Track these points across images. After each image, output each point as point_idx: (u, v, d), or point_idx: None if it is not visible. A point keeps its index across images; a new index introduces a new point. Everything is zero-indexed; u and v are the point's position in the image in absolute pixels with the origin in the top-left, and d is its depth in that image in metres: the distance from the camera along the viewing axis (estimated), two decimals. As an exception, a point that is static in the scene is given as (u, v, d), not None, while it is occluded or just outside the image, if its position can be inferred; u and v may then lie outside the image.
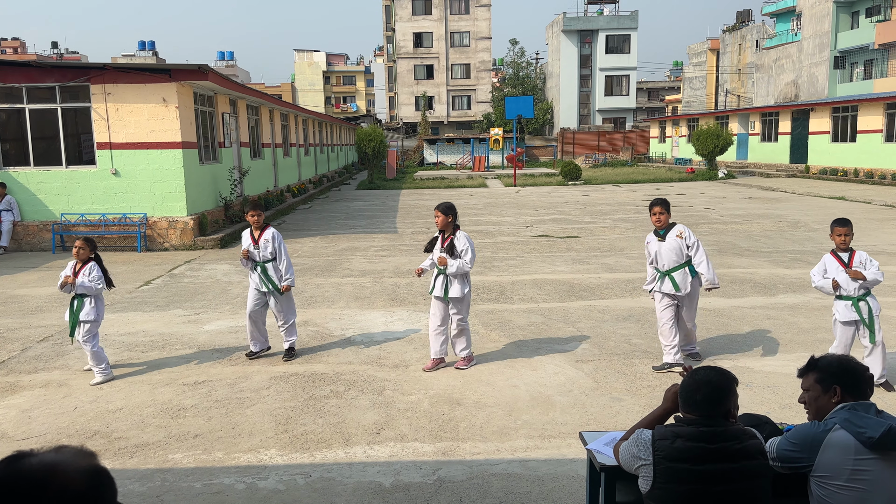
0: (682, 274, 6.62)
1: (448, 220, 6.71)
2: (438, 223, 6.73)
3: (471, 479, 4.62)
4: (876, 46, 40.36)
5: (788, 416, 5.39)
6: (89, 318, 6.60)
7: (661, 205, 6.68)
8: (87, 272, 6.59)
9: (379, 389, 6.26)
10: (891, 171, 27.86)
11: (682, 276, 6.62)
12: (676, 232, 6.66)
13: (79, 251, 6.66)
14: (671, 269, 6.64)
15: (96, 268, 6.66)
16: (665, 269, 6.68)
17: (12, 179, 14.82)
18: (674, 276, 6.62)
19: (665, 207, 6.68)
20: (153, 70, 14.83)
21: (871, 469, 2.62)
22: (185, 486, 4.61)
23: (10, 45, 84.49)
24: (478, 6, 62.06)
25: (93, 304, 6.66)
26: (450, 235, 6.72)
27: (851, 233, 6.17)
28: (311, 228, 17.92)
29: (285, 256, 7.26)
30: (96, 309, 6.69)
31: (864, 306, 6.00)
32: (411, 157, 54.15)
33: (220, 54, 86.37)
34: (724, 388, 2.80)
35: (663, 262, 6.68)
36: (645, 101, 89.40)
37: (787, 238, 14.60)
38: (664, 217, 6.65)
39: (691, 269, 6.64)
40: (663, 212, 6.64)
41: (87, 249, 6.69)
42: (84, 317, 6.59)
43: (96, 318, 6.67)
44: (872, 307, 6.00)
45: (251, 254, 7.19)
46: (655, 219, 6.66)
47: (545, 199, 24.89)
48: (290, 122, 27.78)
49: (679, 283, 6.60)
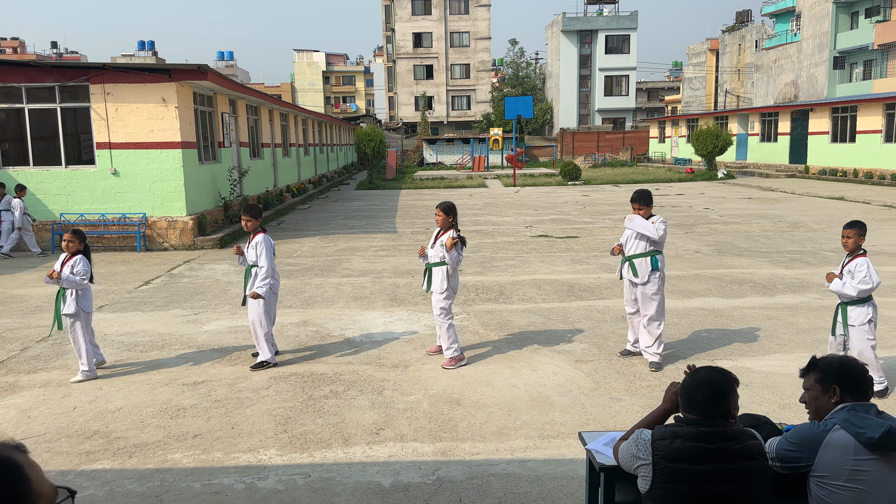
0: (642, 263, 6.66)
1: (448, 219, 6.79)
2: (439, 222, 6.80)
3: (470, 479, 4.62)
4: (875, 47, 40.37)
5: (788, 416, 5.39)
6: (69, 312, 6.49)
7: (640, 200, 6.69)
8: (73, 265, 6.49)
9: (378, 389, 6.26)
10: (890, 171, 27.87)
11: (641, 264, 6.66)
12: (651, 220, 6.66)
13: (68, 244, 6.55)
14: (631, 256, 6.72)
15: (83, 261, 6.53)
16: (629, 253, 6.76)
17: (12, 179, 14.81)
18: (634, 263, 6.71)
19: (644, 202, 6.68)
20: (153, 70, 14.82)
21: (871, 469, 2.62)
22: (184, 486, 4.60)
23: (10, 45, 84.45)
24: (477, 6, 62.07)
25: (73, 297, 6.52)
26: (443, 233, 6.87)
27: (856, 235, 5.88)
28: (310, 228, 17.91)
29: (266, 263, 6.82)
30: (77, 303, 6.53)
31: (842, 311, 5.93)
32: (411, 157, 54.16)
33: (219, 54, 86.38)
34: (724, 389, 2.79)
35: (629, 246, 6.77)
36: (644, 101, 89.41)
37: (787, 238, 14.60)
38: (643, 212, 6.69)
39: (653, 261, 6.65)
40: (640, 207, 6.67)
41: (76, 242, 6.57)
42: (66, 310, 6.50)
43: (77, 313, 6.52)
44: (849, 316, 5.86)
45: (245, 253, 7.02)
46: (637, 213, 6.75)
47: (544, 199, 24.90)
48: (289, 122, 27.78)
49: (638, 270, 6.66)
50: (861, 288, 5.73)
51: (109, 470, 4.85)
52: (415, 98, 63.14)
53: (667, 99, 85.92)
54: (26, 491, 1.32)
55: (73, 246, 6.54)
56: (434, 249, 6.90)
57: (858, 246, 5.90)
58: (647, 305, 6.71)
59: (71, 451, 5.15)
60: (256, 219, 6.95)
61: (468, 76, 63.66)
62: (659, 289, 6.72)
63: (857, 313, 5.85)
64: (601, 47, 61.92)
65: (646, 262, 6.67)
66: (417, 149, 54.24)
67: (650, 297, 6.69)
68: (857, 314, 5.85)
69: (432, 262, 6.92)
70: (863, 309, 5.85)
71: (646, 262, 6.67)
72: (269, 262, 6.83)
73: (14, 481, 1.31)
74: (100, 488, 4.59)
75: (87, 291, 6.68)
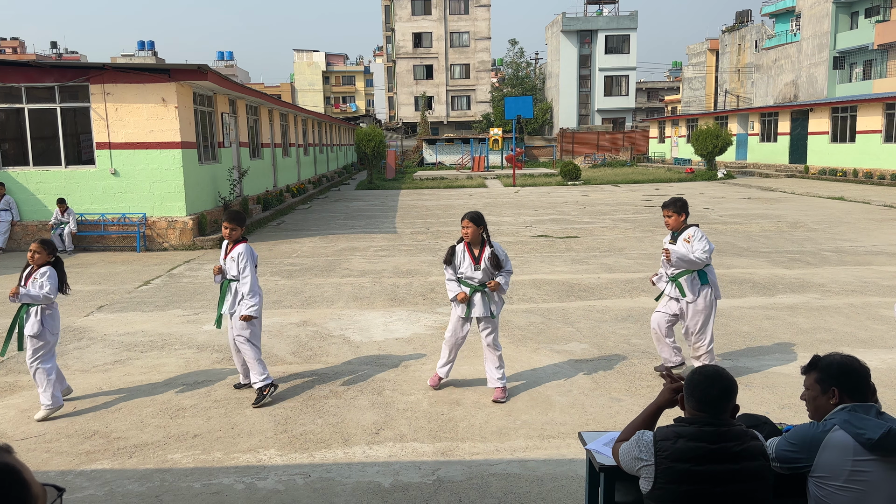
0: (690, 279, 6.20)
1: (479, 230, 5.94)
2: (469, 234, 5.91)
3: (470, 479, 4.62)
4: (875, 47, 40.38)
5: (787, 416, 5.39)
6: (33, 333, 5.70)
7: (669, 207, 6.25)
8: (37, 279, 5.71)
9: (378, 389, 6.26)
10: (890, 171, 27.87)
11: (688, 282, 6.21)
12: (685, 235, 6.20)
13: (34, 255, 5.77)
14: (678, 275, 6.24)
15: (48, 274, 5.72)
16: (672, 274, 6.30)
17: (11, 179, 14.81)
18: (680, 282, 6.25)
19: (674, 209, 6.21)
20: (152, 70, 14.82)
21: (870, 470, 2.62)
22: (184, 486, 4.60)
23: (10, 45, 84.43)
24: (477, 6, 62.07)
25: (38, 317, 5.71)
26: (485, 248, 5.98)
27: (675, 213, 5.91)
28: (310, 228, 17.91)
29: (249, 276, 6.02)
30: (42, 322, 5.71)
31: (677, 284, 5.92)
32: (411, 157, 54.16)
33: (219, 54, 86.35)
34: (734, 384, 2.82)
35: (671, 267, 6.26)
36: (644, 101, 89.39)
37: (787, 238, 14.60)
38: (671, 220, 6.23)
39: (701, 276, 6.19)
40: (670, 214, 6.22)
41: (43, 254, 5.78)
42: (28, 330, 5.71)
43: (41, 334, 5.71)
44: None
45: (224, 269, 6.15)
46: (665, 221, 6.31)
47: (544, 199, 24.89)
48: (289, 122, 27.78)
49: (686, 288, 6.20)
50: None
51: (109, 470, 4.85)
52: (415, 98, 63.15)
53: (667, 99, 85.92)
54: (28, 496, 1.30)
55: (39, 258, 5.77)
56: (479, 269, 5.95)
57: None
58: (694, 319, 6.24)
59: (71, 451, 5.15)
60: (241, 227, 6.15)
61: (468, 76, 63.66)
62: (711, 303, 6.23)
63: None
64: (601, 47, 61.92)
65: (693, 278, 6.20)
66: (417, 149, 54.25)
67: (699, 312, 6.22)
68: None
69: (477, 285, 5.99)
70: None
71: (693, 278, 6.20)
72: (252, 276, 6.05)
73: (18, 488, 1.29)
74: (99, 488, 4.59)
75: (54, 310, 5.87)
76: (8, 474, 1.29)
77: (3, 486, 1.27)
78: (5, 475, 1.28)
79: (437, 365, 6.38)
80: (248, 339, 6.04)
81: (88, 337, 8.19)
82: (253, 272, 6.06)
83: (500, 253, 5.95)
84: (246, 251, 6.05)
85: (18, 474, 1.30)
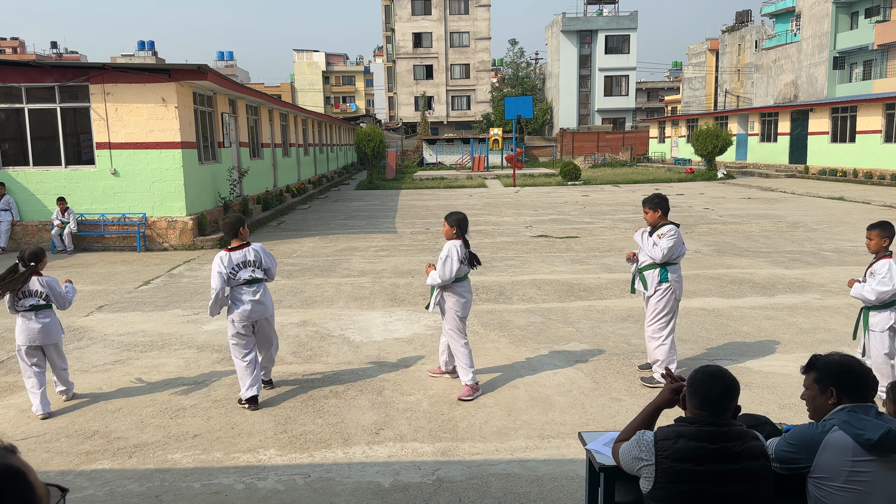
0: (651, 274, 6.30)
1: (452, 231, 6.26)
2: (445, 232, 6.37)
3: (470, 479, 4.62)
4: (875, 47, 40.39)
5: (787, 416, 5.39)
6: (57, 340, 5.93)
7: (646, 203, 6.34)
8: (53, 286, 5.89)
9: (378, 389, 6.26)
10: (890, 171, 27.87)
11: (650, 276, 6.31)
12: (660, 231, 6.23)
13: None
14: (643, 268, 6.40)
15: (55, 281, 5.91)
16: (640, 265, 6.44)
17: (11, 179, 14.81)
18: (644, 275, 6.37)
19: (650, 206, 6.29)
20: (152, 70, 14.82)
21: (870, 471, 2.62)
22: (184, 486, 4.60)
23: (10, 45, 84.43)
24: (477, 6, 62.07)
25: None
26: None
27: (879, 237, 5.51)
28: (310, 228, 17.91)
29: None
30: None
31: (864, 315, 5.65)
32: (411, 157, 54.16)
33: (219, 54, 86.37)
34: (736, 384, 2.82)
35: (641, 259, 6.45)
36: (644, 101, 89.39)
37: (787, 238, 14.60)
38: (647, 216, 6.31)
39: (662, 272, 6.24)
40: (647, 210, 6.31)
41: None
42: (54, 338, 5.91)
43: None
44: (870, 322, 5.54)
45: None
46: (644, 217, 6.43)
47: (544, 199, 24.89)
48: (289, 122, 27.78)
49: (647, 282, 6.31)
50: (879, 290, 5.36)
51: (109, 470, 4.85)
52: (415, 98, 63.14)
53: (667, 99, 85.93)
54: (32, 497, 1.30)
55: None
56: None
57: (882, 247, 5.52)
58: (650, 319, 6.35)
59: (71, 451, 5.15)
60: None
61: (468, 76, 63.66)
62: (667, 303, 6.23)
63: (878, 319, 5.49)
64: (601, 47, 61.93)
65: (655, 273, 6.28)
66: (417, 149, 54.24)
67: (653, 310, 6.29)
68: (878, 320, 5.49)
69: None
70: (884, 314, 5.46)
71: (655, 273, 6.28)
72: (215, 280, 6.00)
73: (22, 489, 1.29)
74: (99, 488, 4.59)
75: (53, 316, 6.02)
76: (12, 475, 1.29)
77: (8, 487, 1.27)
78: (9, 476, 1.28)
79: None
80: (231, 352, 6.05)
81: (88, 337, 8.19)
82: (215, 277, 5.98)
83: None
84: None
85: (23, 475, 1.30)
